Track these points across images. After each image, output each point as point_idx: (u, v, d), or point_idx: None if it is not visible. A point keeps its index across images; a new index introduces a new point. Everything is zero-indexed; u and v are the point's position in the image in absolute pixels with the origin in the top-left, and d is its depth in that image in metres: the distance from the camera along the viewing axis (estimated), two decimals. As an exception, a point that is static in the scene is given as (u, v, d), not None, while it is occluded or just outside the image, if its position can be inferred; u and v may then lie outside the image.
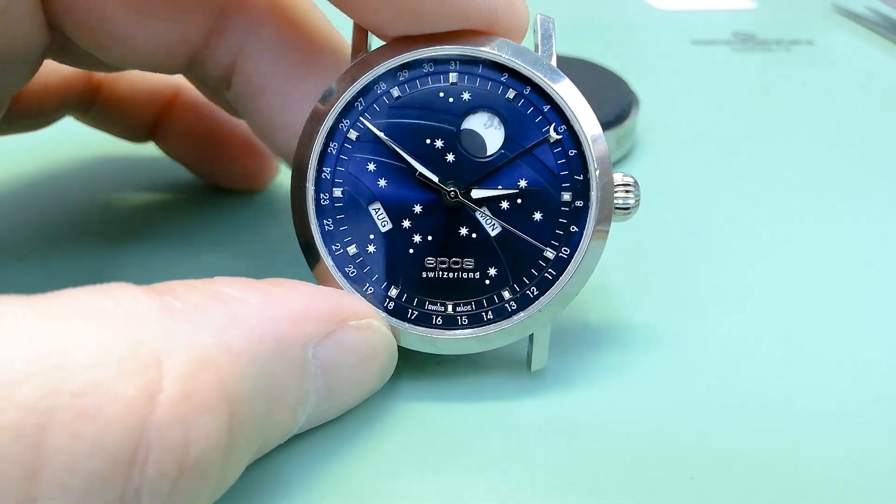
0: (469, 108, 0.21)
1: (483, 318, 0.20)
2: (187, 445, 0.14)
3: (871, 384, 0.22)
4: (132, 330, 0.15)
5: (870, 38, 0.49)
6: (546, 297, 0.20)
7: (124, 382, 0.14)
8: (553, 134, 0.20)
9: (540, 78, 0.20)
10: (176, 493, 0.14)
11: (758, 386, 0.22)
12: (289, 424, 0.18)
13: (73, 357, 0.14)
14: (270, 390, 0.17)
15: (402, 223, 0.21)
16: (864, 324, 0.24)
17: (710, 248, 0.28)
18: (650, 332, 0.24)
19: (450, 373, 0.22)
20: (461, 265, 0.20)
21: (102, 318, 0.15)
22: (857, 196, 0.32)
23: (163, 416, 0.14)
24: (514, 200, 0.20)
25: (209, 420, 0.15)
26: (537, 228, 0.20)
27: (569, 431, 0.20)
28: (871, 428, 0.20)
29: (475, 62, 0.21)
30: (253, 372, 0.16)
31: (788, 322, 0.24)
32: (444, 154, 0.21)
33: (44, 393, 0.13)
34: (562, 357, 0.23)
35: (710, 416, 0.21)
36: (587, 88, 0.35)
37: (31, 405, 0.13)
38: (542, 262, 0.20)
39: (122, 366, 0.14)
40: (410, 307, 0.20)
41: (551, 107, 0.20)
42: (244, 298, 0.17)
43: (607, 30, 0.51)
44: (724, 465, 0.19)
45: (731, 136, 0.37)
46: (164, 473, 0.14)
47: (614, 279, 0.26)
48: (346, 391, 0.19)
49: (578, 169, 0.20)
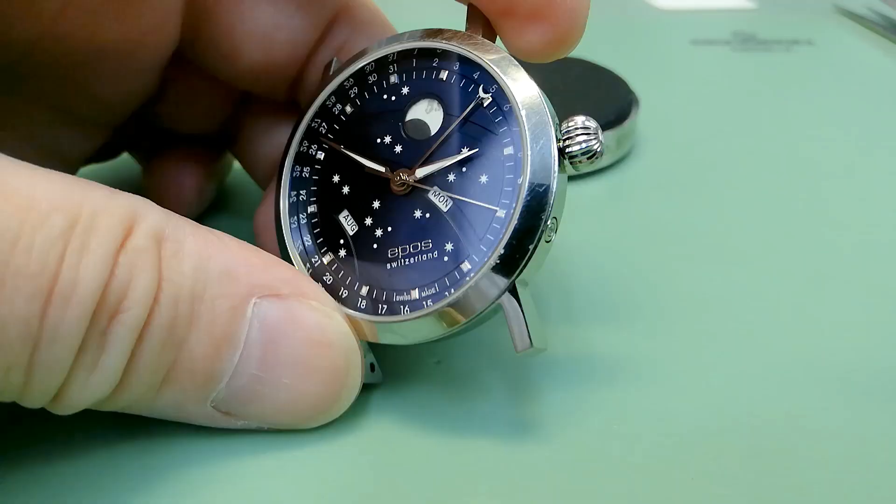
0: (408, 99, 0.21)
1: (446, 296, 0.19)
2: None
3: (870, 389, 0.22)
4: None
5: (870, 38, 0.49)
6: (494, 253, 0.19)
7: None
8: (482, 94, 0.20)
9: (465, 49, 0.20)
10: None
11: (758, 386, 0.22)
12: (212, 361, 0.17)
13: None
14: (199, 304, 0.17)
15: (365, 222, 0.21)
16: (867, 327, 0.24)
17: (710, 249, 0.28)
18: (650, 333, 0.24)
19: (443, 385, 0.22)
20: (420, 248, 0.20)
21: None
22: (857, 196, 0.31)
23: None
24: (460, 170, 0.20)
25: (141, 279, 0.16)
26: (486, 190, 0.20)
27: (564, 431, 0.20)
28: (871, 428, 0.20)
29: (409, 55, 0.21)
30: (189, 274, 0.17)
31: (788, 322, 0.24)
32: (392, 147, 0.21)
33: None
34: (561, 348, 0.23)
35: (710, 418, 0.21)
36: (587, 88, 0.36)
37: None
38: (496, 224, 0.19)
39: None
40: (381, 302, 0.20)
41: (481, 72, 0.20)
42: (219, 233, 0.18)
43: (607, 30, 0.51)
44: (724, 469, 0.19)
45: (731, 136, 0.37)
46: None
47: (615, 279, 0.26)
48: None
49: (515, 121, 0.20)
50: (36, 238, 0.15)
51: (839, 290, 0.26)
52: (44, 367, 0.15)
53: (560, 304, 0.25)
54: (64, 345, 0.15)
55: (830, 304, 0.25)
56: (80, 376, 0.16)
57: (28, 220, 0.15)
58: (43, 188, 0.15)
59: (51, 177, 0.16)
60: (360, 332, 0.20)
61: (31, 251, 0.14)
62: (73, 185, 0.16)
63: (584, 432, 0.20)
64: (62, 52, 0.21)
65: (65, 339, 0.15)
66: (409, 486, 0.18)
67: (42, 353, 0.15)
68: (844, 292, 0.26)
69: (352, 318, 0.20)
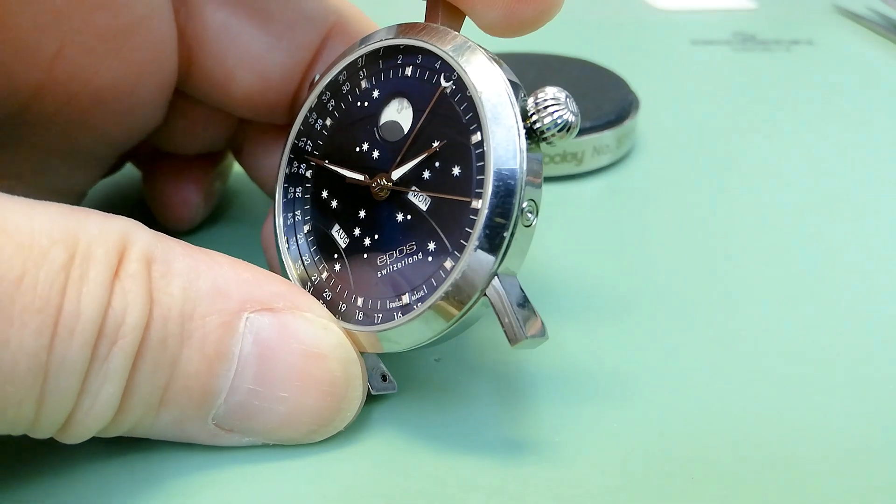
0: (380, 102, 0.21)
1: (432, 297, 0.19)
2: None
3: (870, 388, 0.22)
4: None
5: (870, 38, 0.49)
6: (471, 244, 0.18)
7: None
8: (444, 83, 0.20)
9: (423, 41, 0.20)
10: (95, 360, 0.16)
11: (758, 385, 0.22)
12: (206, 378, 0.17)
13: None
14: (189, 322, 0.17)
15: (354, 233, 0.21)
16: (867, 327, 0.24)
17: (709, 248, 0.28)
18: (650, 333, 0.24)
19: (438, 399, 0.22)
20: (405, 252, 0.20)
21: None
22: (857, 196, 0.31)
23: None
24: (433, 165, 0.20)
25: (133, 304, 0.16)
26: (459, 183, 0.19)
27: (565, 431, 0.20)
28: (872, 430, 0.20)
29: (375, 56, 0.21)
30: (178, 294, 0.17)
31: (789, 322, 0.24)
32: (370, 153, 0.21)
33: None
34: (560, 348, 0.23)
35: (710, 418, 0.21)
36: (587, 88, 0.36)
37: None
38: (473, 216, 0.18)
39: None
40: (376, 312, 0.20)
41: (440, 62, 0.20)
42: (210, 252, 0.18)
43: (607, 30, 0.51)
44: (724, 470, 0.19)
45: (731, 136, 0.37)
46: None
47: (614, 279, 0.26)
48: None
49: (477, 106, 0.19)
50: (39, 274, 0.15)
51: (839, 290, 0.26)
52: (53, 397, 0.15)
53: (559, 304, 0.25)
54: (71, 374, 0.15)
55: (830, 304, 0.25)
56: (85, 404, 0.16)
57: (31, 258, 0.15)
58: (41, 222, 0.15)
59: (47, 209, 0.16)
60: (359, 344, 0.19)
61: (36, 287, 0.15)
62: (68, 216, 0.16)
63: (584, 432, 0.20)
64: (65, 96, 0.21)
65: (71, 369, 0.15)
66: (407, 492, 0.18)
67: (51, 384, 0.15)
68: (844, 292, 0.26)
69: (350, 332, 0.19)
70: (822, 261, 0.27)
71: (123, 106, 0.23)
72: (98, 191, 0.31)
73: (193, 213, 0.28)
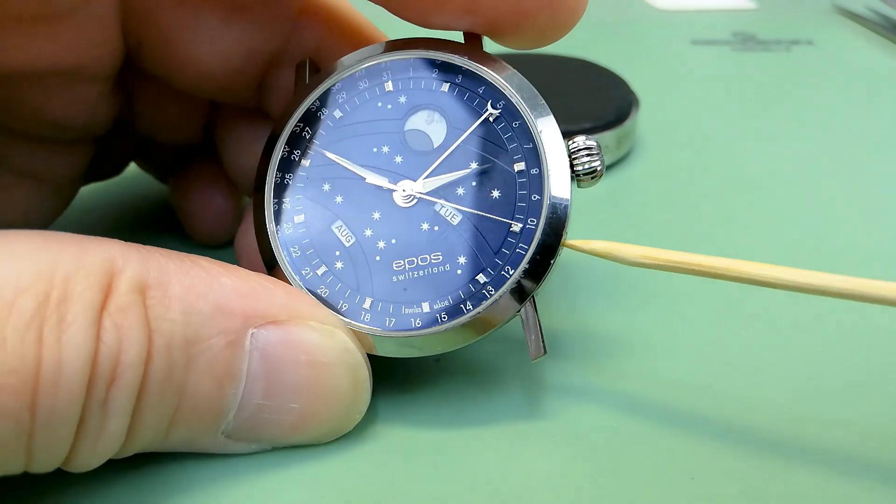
0: (408, 109, 0.21)
1: (462, 309, 0.20)
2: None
3: (870, 388, 0.22)
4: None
5: (870, 38, 0.49)
6: (518, 271, 0.19)
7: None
8: (491, 110, 0.21)
9: (470, 63, 0.21)
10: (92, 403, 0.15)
11: (759, 385, 0.22)
12: (216, 399, 0.17)
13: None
14: (194, 346, 0.16)
15: (365, 233, 0.20)
16: (866, 327, 0.24)
17: (709, 248, 0.28)
18: (650, 333, 0.24)
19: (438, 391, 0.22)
20: (429, 261, 0.20)
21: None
22: (857, 196, 0.31)
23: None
24: (470, 184, 0.20)
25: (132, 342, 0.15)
26: (499, 205, 0.20)
27: (566, 431, 0.20)
28: (874, 426, 0.20)
29: (405, 64, 0.21)
30: (180, 320, 0.16)
31: (788, 321, 0.24)
32: (392, 158, 0.21)
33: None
34: (562, 349, 0.23)
35: (711, 418, 0.21)
36: (587, 88, 0.36)
37: None
38: (511, 238, 0.20)
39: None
40: (387, 316, 0.20)
41: (486, 87, 0.21)
42: (205, 264, 0.17)
43: (607, 30, 0.51)
44: (723, 466, 0.19)
45: (731, 136, 0.37)
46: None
47: (614, 279, 0.26)
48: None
49: (526, 138, 0.20)
50: (6, 330, 0.14)
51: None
52: (43, 449, 0.15)
53: (559, 305, 0.25)
54: (61, 426, 0.15)
55: (829, 303, 0.25)
56: (86, 444, 0.15)
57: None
58: (7, 268, 0.14)
59: (14, 247, 0.15)
60: (365, 344, 0.19)
61: (5, 345, 0.14)
62: (40, 251, 0.15)
63: (584, 432, 0.20)
64: (1, 79, 0.20)
65: (61, 420, 0.14)
66: (407, 492, 0.18)
67: (38, 439, 0.14)
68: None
69: (355, 330, 0.19)
70: (822, 261, 0.27)
71: (68, 87, 0.22)
72: (125, 204, 0.31)
73: (228, 226, 0.27)
